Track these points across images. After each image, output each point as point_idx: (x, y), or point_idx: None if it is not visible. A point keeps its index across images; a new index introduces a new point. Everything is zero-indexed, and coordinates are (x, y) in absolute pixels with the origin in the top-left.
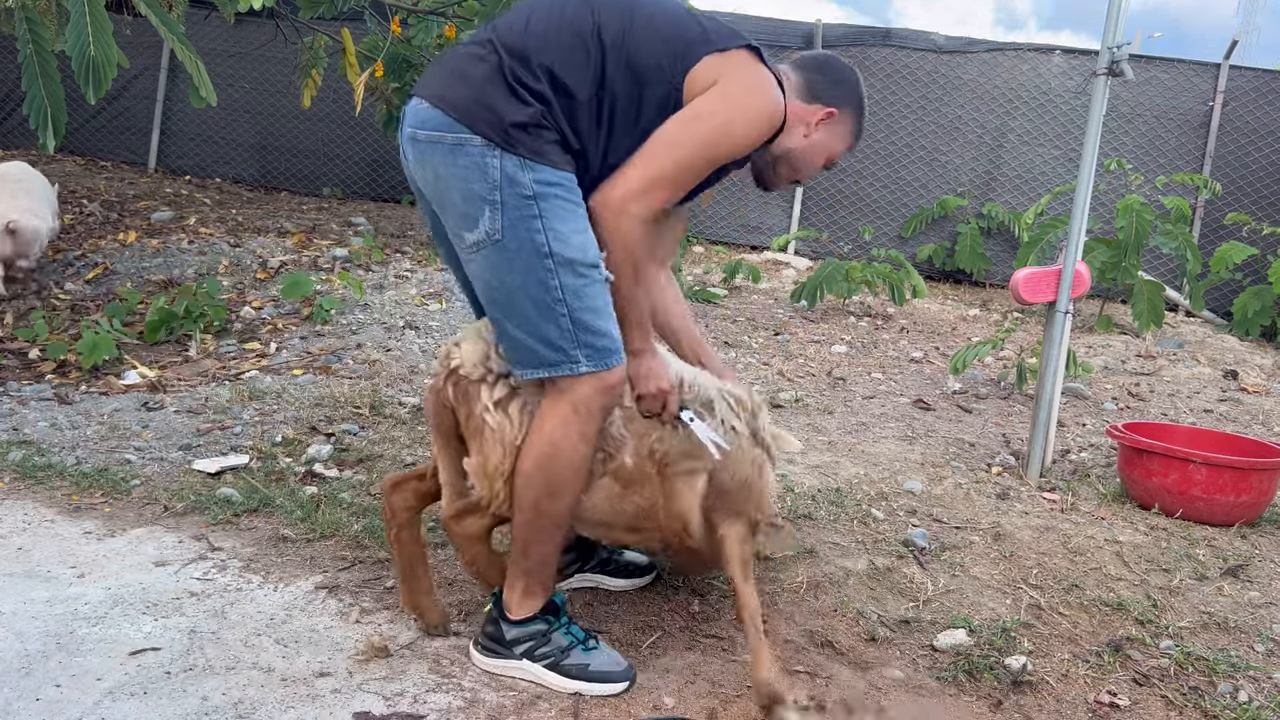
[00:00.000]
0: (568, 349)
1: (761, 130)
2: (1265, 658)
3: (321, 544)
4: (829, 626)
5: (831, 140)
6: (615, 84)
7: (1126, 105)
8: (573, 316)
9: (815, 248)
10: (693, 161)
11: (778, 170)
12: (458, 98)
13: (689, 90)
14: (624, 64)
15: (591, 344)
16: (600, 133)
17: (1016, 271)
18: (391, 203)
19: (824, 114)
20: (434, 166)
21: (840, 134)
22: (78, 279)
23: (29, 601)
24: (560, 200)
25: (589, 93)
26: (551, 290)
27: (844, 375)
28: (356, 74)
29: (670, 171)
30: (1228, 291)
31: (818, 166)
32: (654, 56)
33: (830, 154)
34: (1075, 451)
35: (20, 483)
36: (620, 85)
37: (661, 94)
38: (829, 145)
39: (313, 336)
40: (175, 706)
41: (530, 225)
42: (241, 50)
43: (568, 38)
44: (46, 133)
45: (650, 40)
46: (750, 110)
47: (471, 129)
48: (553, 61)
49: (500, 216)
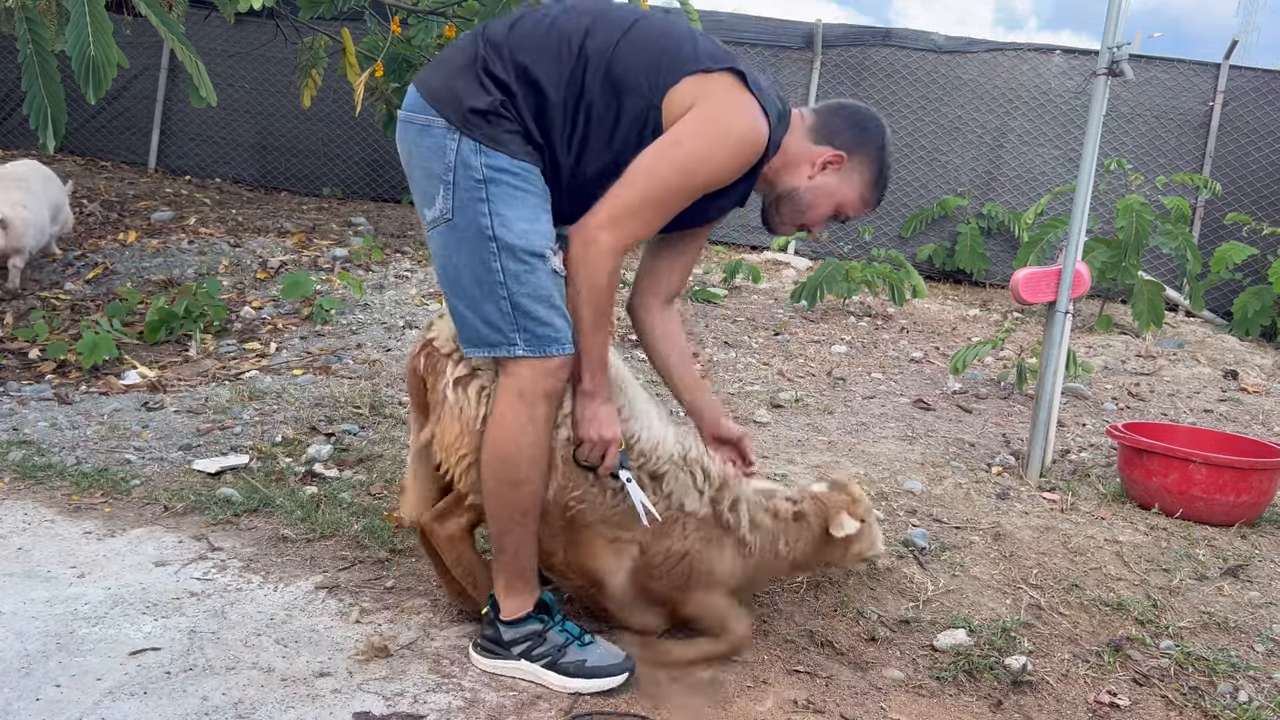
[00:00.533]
0: (505, 330)
1: (739, 155)
2: (1265, 658)
3: (321, 544)
4: (829, 626)
5: (841, 186)
6: (593, 92)
7: (1126, 105)
8: (512, 300)
9: (815, 248)
10: (668, 189)
11: (780, 210)
12: (434, 83)
13: (668, 112)
14: (603, 73)
15: (530, 329)
16: (574, 137)
17: (1016, 271)
18: (391, 203)
19: (830, 156)
20: (406, 145)
21: (851, 182)
22: (78, 279)
23: (29, 601)
24: (511, 188)
25: (562, 95)
26: (493, 272)
27: (844, 375)
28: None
29: (643, 200)
30: (1228, 291)
31: (824, 213)
32: (636, 71)
33: (841, 202)
34: (1075, 451)
35: (20, 483)
36: (598, 94)
37: (639, 109)
38: (837, 191)
39: (313, 336)
40: (175, 706)
41: (477, 208)
42: (241, 50)
43: (548, 38)
44: (46, 133)
45: (638, 54)
46: (728, 135)
47: (438, 112)
48: (526, 56)
49: (452, 197)
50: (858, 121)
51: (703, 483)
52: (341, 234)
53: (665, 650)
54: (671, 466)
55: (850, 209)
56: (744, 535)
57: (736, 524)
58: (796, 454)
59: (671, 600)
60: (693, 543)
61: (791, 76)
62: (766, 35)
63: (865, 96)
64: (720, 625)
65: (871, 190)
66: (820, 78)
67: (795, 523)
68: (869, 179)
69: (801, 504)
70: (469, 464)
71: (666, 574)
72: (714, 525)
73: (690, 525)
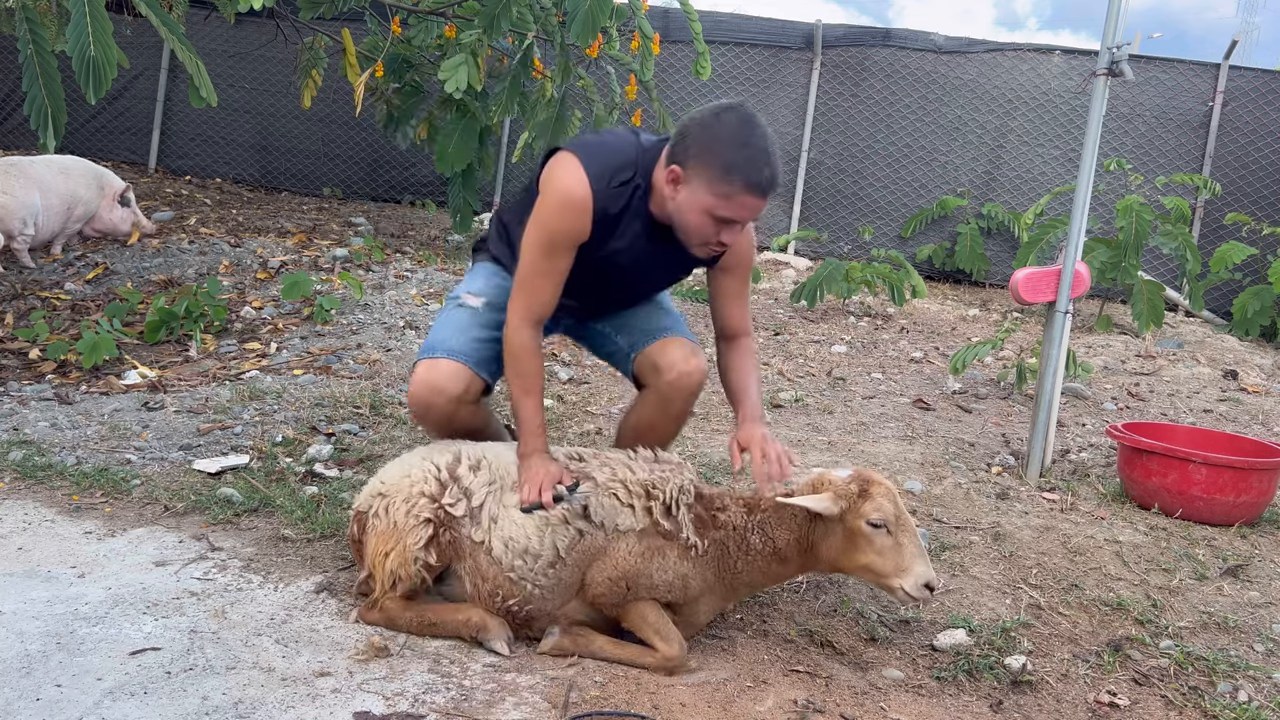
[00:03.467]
0: None
1: (565, 205)
2: (1265, 658)
3: (322, 544)
4: (829, 626)
5: (694, 197)
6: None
7: (1126, 105)
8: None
9: (815, 248)
10: (535, 259)
11: (677, 233)
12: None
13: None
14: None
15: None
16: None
17: (1016, 271)
18: (391, 203)
19: (668, 175)
20: None
21: (699, 189)
22: (78, 279)
23: (29, 601)
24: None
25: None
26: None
27: (844, 375)
28: (357, 74)
29: (521, 276)
30: (1227, 291)
31: (699, 224)
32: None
33: (705, 209)
34: (1075, 451)
35: (21, 483)
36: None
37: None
38: (694, 202)
39: (313, 336)
40: (175, 706)
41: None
42: (241, 50)
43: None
44: (47, 133)
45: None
46: (552, 196)
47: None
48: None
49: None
50: (689, 130)
51: (629, 498)
52: (341, 234)
53: (589, 639)
54: (592, 498)
55: (721, 210)
56: (687, 538)
57: (678, 529)
58: (796, 454)
59: (614, 611)
60: (634, 560)
61: (791, 76)
62: (766, 35)
63: (865, 96)
64: (652, 641)
65: (726, 182)
66: (820, 78)
67: (777, 512)
68: (715, 173)
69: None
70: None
71: (609, 592)
72: (654, 535)
73: (630, 543)
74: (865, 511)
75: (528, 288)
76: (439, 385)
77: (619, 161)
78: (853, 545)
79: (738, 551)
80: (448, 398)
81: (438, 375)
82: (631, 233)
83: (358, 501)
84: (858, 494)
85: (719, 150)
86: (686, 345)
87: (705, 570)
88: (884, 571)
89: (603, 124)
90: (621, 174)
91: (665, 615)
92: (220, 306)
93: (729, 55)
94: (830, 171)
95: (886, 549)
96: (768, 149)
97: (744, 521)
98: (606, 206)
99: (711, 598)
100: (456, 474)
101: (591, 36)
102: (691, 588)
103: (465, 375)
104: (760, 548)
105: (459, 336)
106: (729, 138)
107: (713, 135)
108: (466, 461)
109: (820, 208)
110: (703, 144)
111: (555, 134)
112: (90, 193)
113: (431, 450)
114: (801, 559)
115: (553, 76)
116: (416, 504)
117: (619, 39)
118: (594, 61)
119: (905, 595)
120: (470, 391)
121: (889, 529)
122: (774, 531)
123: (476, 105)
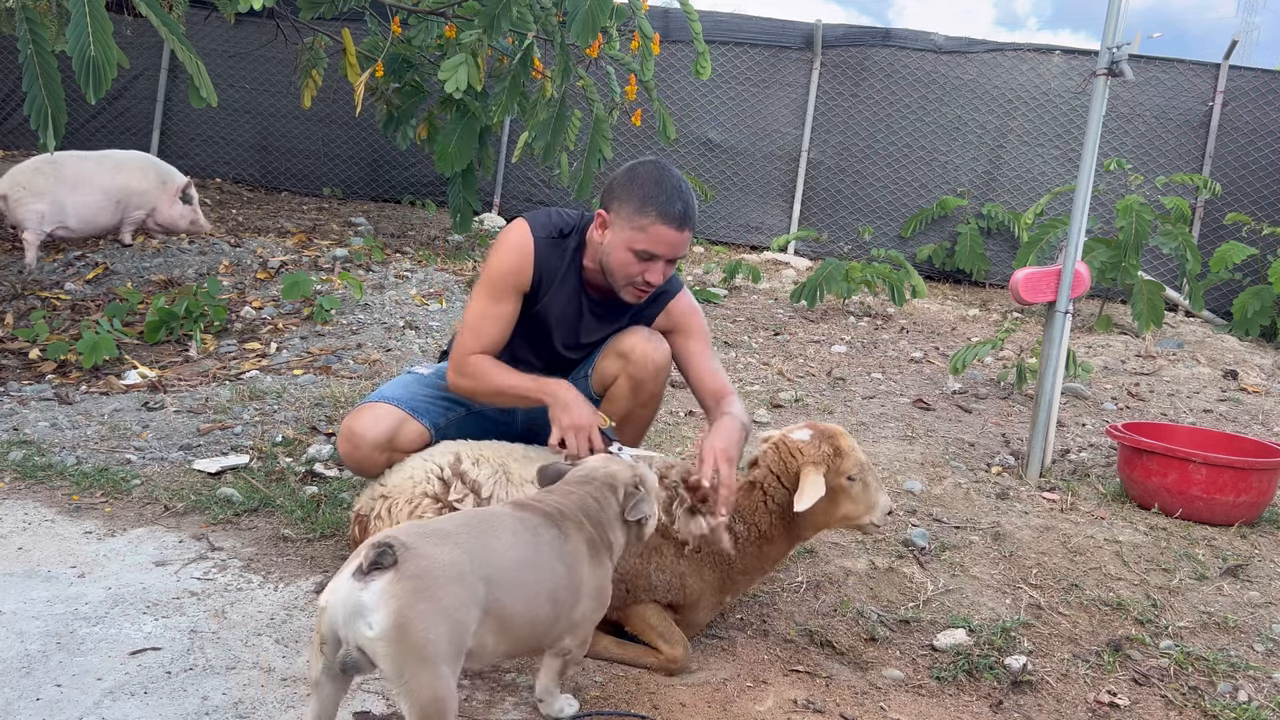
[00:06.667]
0: None
1: (509, 249)
2: (1265, 658)
3: (321, 544)
4: (829, 626)
5: (617, 236)
6: None
7: (1126, 105)
8: None
9: (815, 248)
10: (479, 306)
11: (607, 278)
12: None
13: None
14: None
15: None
16: None
17: (1016, 271)
18: (391, 203)
19: (598, 219)
20: None
21: (621, 227)
22: (78, 279)
23: (29, 601)
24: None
25: None
26: None
27: (844, 375)
28: (357, 74)
29: (466, 322)
30: (1227, 291)
31: (623, 263)
32: None
33: (626, 244)
34: (1075, 451)
35: (21, 482)
36: None
37: None
38: (617, 240)
39: (313, 336)
40: (175, 706)
41: None
42: (241, 50)
43: None
44: (47, 133)
45: None
46: (498, 247)
47: None
48: None
49: None
50: (609, 183)
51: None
52: (341, 234)
53: (593, 639)
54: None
55: (639, 243)
56: (680, 531)
57: (670, 523)
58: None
59: (616, 614)
60: (632, 560)
61: (791, 76)
62: (766, 35)
63: (865, 96)
64: (655, 644)
65: (642, 215)
66: (820, 78)
67: (749, 495)
68: (633, 209)
69: (754, 471)
70: None
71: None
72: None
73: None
74: (845, 469)
75: (474, 328)
76: (368, 424)
77: (560, 221)
78: (833, 503)
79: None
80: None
81: (369, 415)
82: (569, 288)
83: (359, 504)
84: (832, 453)
85: (635, 189)
86: (644, 330)
87: (701, 566)
88: (858, 515)
89: (603, 124)
90: (562, 228)
91: (667, 617)
92: (220, 306)
93: (729, 55)
94: (830, 171)
95: (859, 494)
96: (680, 187)
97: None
98: (547, 257)
99: (711, 594)
100: (460, 470)
101: (591, 36)
102: (690, 587)
103: (397, 415)
104: (746, 534)
105: (401, 391)
106: (645, 178)
107: (631, 178)
108: (468, 459)
109: (820, 208)
110: (623, 187)
111: (555, 134)
112: (146, 185)
113: (432, 452)
114: (787, 533)
115: (553, 76)
116: (419, 505)
117: (619, 39)
118: (594, 61)
119: (872, 527)
120: (404, 436)
121: (860, 477)
122: (753, 516)
123: (476, 105)
